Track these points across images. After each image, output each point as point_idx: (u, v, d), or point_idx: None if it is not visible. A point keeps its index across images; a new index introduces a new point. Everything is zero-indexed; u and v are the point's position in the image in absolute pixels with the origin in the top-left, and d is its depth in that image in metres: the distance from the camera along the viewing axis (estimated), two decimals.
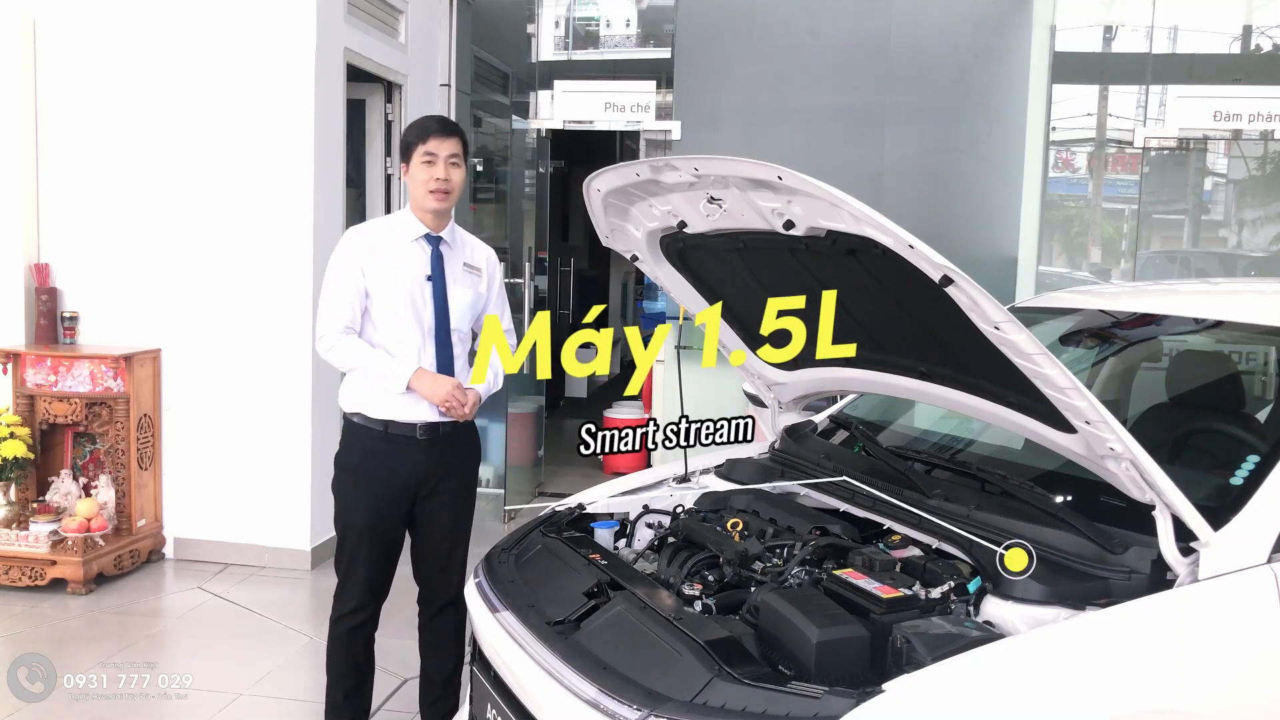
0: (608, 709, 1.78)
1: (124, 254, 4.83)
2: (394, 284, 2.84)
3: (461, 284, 2.93)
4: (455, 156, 2.85)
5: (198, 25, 4.73)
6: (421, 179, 2.82)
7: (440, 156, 2.82)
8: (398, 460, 2.85)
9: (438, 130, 2.84)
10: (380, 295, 2.84)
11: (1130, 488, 1.93)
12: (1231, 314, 2.82)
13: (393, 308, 2.84)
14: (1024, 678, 1.75)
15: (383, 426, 2.83)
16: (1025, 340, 1.78)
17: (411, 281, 2.85)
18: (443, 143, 2.82)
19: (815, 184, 1.88)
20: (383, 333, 2.85)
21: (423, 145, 2.82)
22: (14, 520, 4.51)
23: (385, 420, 2.83)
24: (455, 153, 2.85)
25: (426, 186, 2.82)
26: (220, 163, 4.74)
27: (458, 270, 2.93)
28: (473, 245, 3.02)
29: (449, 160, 2.83)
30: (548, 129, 6.21)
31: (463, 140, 2.89)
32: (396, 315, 2.84)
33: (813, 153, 5.51)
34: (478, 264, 2.99)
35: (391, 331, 2.84)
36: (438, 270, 2.88)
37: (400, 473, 2.86)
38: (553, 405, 7.94)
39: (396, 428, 2.82)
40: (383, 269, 2.84)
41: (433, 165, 2.82)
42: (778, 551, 2.27)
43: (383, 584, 2.95)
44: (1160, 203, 6.01)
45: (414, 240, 2.88)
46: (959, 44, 5.61)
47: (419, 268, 2.87)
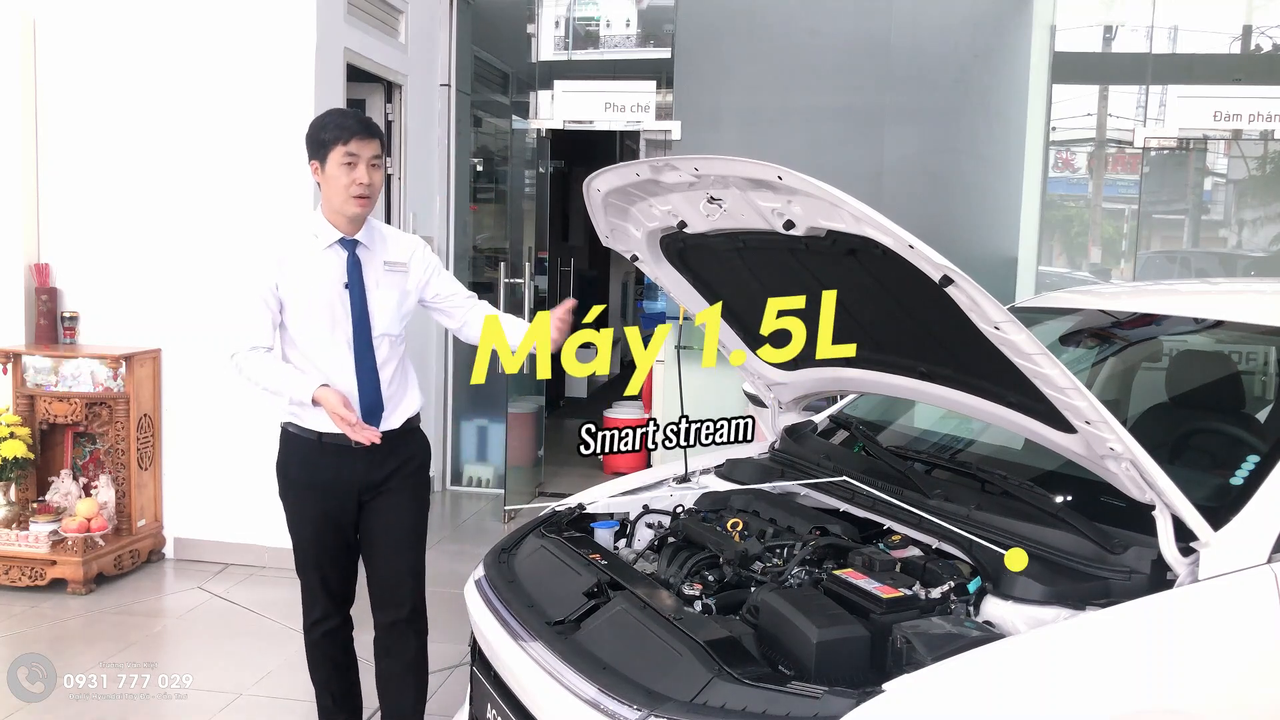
0: (608, 709, 1.78)
1: (124, 254, 4.82)
2: (310, 296, 2.68)
3: (384, 286, 2.74)
4: (376, 158, 2.67)
5: (198, 25, 4.73)
6: (342, 183, 2.63)
7: (363, 159, 2.63)
8: (337, 468, 2.72)
9: (360, 131, 2.64)
10: (296, 309, 2.68)
11: (1130, 488, 1.93)
12: (1231, 314, 2.81)
13: (310, 320, 2.69)
14: (1024, 678, 1.75)
15: (316, 436, 2.71)
16: (1025, 340, 1.78)
17: (328, 291, 2.68)
18: (365, 144, 2.64)
19: (815, 184, 1.88)
20: (301, 344, 2.71)
21: (343, 145, 2.62)
22: (14, 520, 4.51)
23: (318, 431, 2.69)
24: (377, 154, 2.67)
25: (349, 191, 2.63)
26: (220, 162, 4.74)
27: (378, 272, 2.74)
28: (394, 240, 2.83)
29: (370, 163, 2.65)
30: (548, 129, 6.21)
31: (382, 142, 2.72)
32: (314, 328, 2.69)
33: (813, 153, 5.51)
34: (401, 259, 2.80)
35: (308, 343, 2.70)
36: (355, 276, 2.69)
37: (342, 480, 2.73)
38: (553, 405, 7.94)
39: (330, 437, 2.68)
40: (296, 280, 2.68)
41: (354, 168, 2.62)
42: (778, 551, 2.27)
43: (345, 590, 2.86)
44: (1160, 203, 6.01)
45: (328, 247, 2.68)
46: (959, 44, 5.60)
47: (335, 276, 2.69)
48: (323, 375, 2.68)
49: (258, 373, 2.70)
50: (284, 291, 2.69)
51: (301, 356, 2.72)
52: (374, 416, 2.71)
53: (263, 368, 2.70)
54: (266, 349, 2.71)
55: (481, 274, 6.72)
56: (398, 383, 2.79)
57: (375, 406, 2.72)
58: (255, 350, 2.70)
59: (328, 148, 2.64)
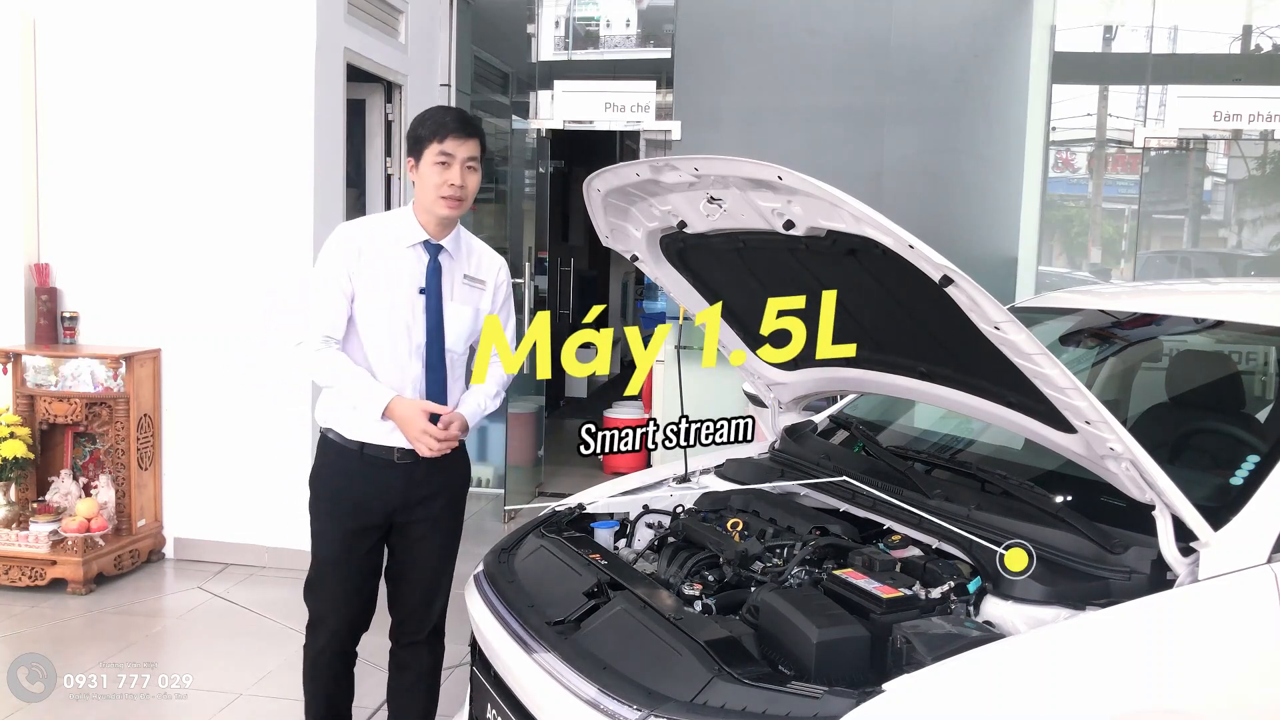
0: (608, 709, 1.78)
1: (124, 254, 4.82)
2: (382, 294, 2.55)
3: (460, 300, 2.62)
4: (473, 160, 2.54)
5: (198, 25, 4.73)
6: (434, 182, 2.51)
7: (457, 159, 2.50)
8: (373, 485, 2.59)
9: (457, 129, 2.50)
10: (366, 305, 2.55)
11: (1130, 488, 1.93)
12: (1231, 314, 2.82)
13: (379, 321, 2.55)
14: (1024, 678, 1.75)
15: (358, 447, 2.57)
16: (1025, 340, 1.78)
17: (402, 293, 2.56)
18: (462, 144, 2.50)
19: (815, 184, 1.88)
20: (367, 346, 2.57)
21: (438, 144, 2.49)
22: (14, 520, 4.51)
23: (360, 441, 2.57)
24: (474, 155, 2.54)
25: (439, 191, 2.51)
26: (220, 163, 4.74)
27: (456, 283, 2.62)
28: (479, 255, 2.69)
29: (466, 164, 2.52)
30: (548, 129, 6.21)
31: (482, 142, 2.58)
32: (382, 329, 2.55)
33: (813, 153, 5.51)
34: (482, 276, 2.67)
35: (375, 346, 2.56)
36: (433, 283, 2.57)
37: (376, 500, 2.60)
38: (553, 405, 7.94)
39: (372, 449, 2.56)
40: (371, 275, 2.55)
41: (448, 168, 2.50)
42: (778, 551, 2.27)
43: (360, 618, 2.71)
44: (1160, 203, 6.01)
45: (410, 246, 2.57)
46: (959, 44, 5.60)
47: (412, 278, 2.56)
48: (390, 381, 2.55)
49: (328, 371, 2.53)
50: (358, 283, 2.54)
51: (370, 357, 2.57)
52: None
53: (335, 367, 2.53)
54: (338, 342, 2.56)
55: None
56: (453, 401, 2.65)
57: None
58: (329, 342, 2.53)
59: (423, 144, 2.52)
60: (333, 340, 2.55)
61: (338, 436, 2.62)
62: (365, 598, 2.71)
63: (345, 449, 2.60)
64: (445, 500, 2.69)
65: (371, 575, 2.71)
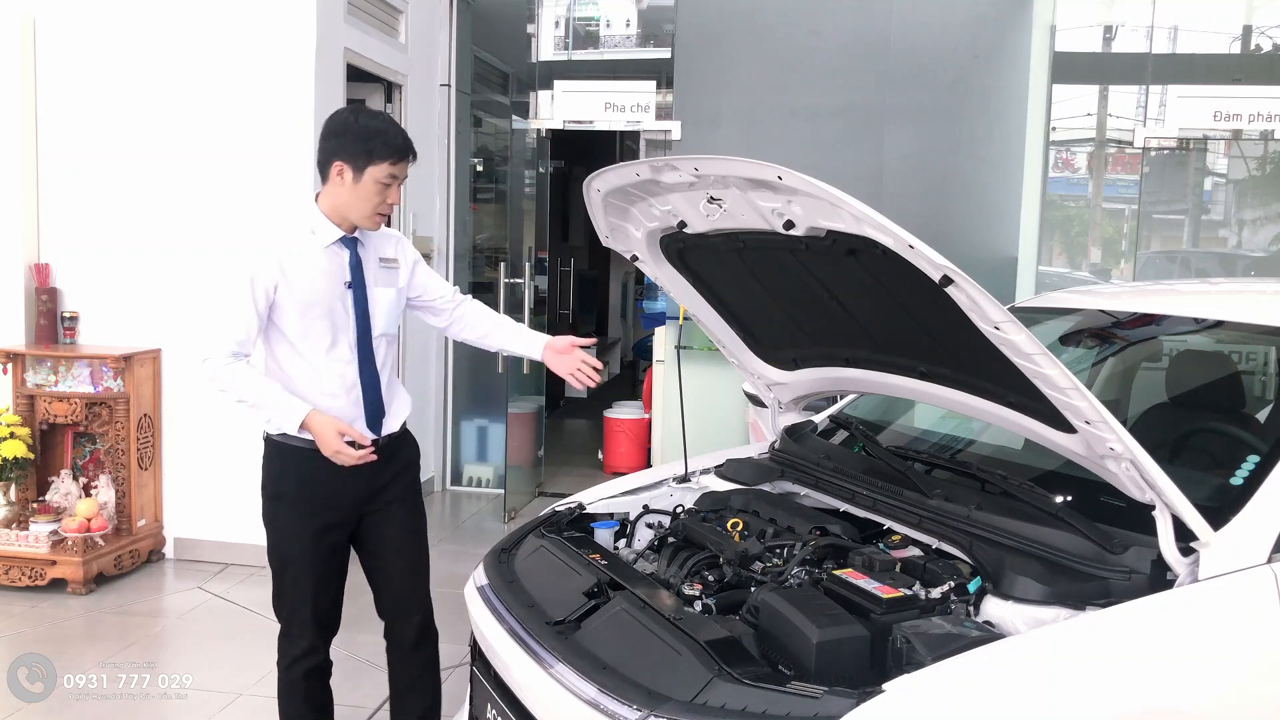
0: (608, 709, 1.78)
1: (124, 254, 4.82)
2: (310, 297, 2.54)
3: (382, 284, 2.66)
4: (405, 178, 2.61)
5: (198, 25, 4.73)
6: (373, 201, 2.52)
7: (399, 179, 2.55)
8: (340, 480, 2.57)
9: (409, 153, 2.55)
10: (295, 312, 2.54)
11: (1130, 488, 1.93)
12: (1231, 314, 2.81)
13: (311, 323, 2.55)
14: (1024, 678, 1.75)
15: (311, 446, 2.53)
16: (1025, 340, 1.78)
17: (330, 292, 2.56)
18: (406, 166, 2.56)
19: (815, 184, 1.88)
20: (305, 351, 2.57)
21: (390, 165, 2.51)
22: (14, 520, 4.51)
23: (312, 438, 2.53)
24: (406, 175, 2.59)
25: (376, 209, 2.54)
26: (220, 162, 4.73)
27: (375, 270, 2.65)
28: (383, 236, 2.71)
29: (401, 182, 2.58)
30: (548, 129, 6.21)
31: None
32: (316, 331, 2.56)
33: (813, 153, 5.51)
34: (392, 255, 2.71)
35: (312, 349, 2.57)
36: (357, 276, 2.59)
37: (344, 495, 2.61)
38: (553, 405, 7.94)
39: None
40: (297, 282, 2.53)
41: (390, 189, 2.54)
42: (778, 551, 2.27)
43: (333, 619, 2.72)
44: (1160, 203, 6.01)
45: (329, 246, 2.56)
46: (959, 44, 5.61)
47: (337, 274, 2.57)
48: (324, 381, 2.57)
49: (240, 385, 2.55)
50: (282, 293, 2.53)
51: (299, 362, 2.58)
52: (377, 423, 2.65)
53: (247, 381, 2.55)
54: (246, 357, 2.57)
55: (481, 274, 6.72)
56: (394, 384, 2.73)
57: (378, 412, 2.66)
58: (237, 358, 2.54)
59: (370, 159, 2.49)
60: (242, 356, 2.56)
61: (285, 438, 2.59)
62: (336, 595, 2.72)
63: (304, 451, 2.57)
64: (405, 479, 2.74)
65: (341, 571, 2.72)
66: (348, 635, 2.98)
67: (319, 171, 2.59)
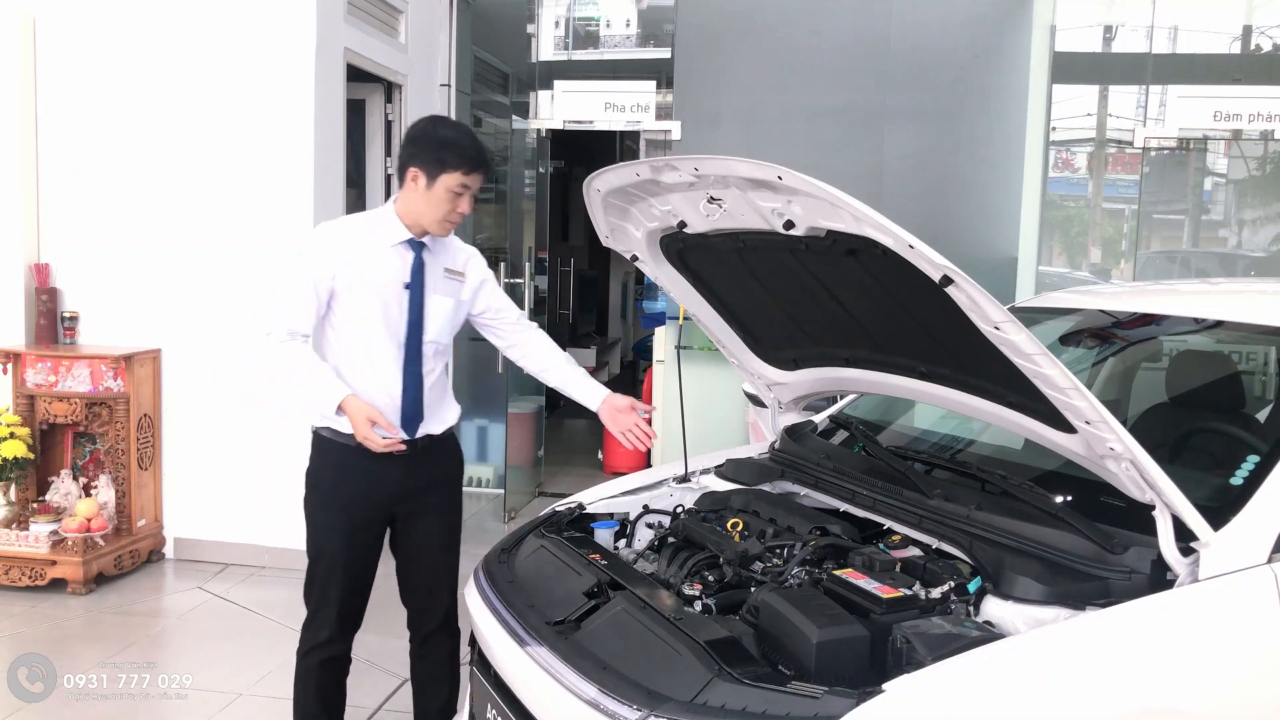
0: (608, 709, 1.78)
1: (124, 254, 4.82)
2: (368, 291, 2.61)
3: (442, 292, 2.71)
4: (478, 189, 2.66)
5: (198, 25, 4.73)
6: (444, 209, 2.59)
7: (472, 190, 2.61)
8: (373, 477, 2.65)
9: (481, 165, 2.60)
10: (350, 303, 2.61)
11: (1130, 488, 1.93)
12: (1231, 314, 2.81)
13: (363, 317, 2.62)
14: (1024, 678, 1.75)
15: (355, 443, 2.59)
16: (1025, 340, 1.78)
17: (387, 289, 2.63)
18: (479, 178, 2.60)
19: (815, 184, 1.88)
20: (350, 344, 2.63)
21: (461, 175, 2.56)
22: (14, 520, 4.51)
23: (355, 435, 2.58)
24: (480, 186, 2.65)
25: (447, 217, 2.61)
26: (220, 163, 4.73)
27: (438, 277, 2.70)
28: (454, 248, 2.79)
29: (474, 195, 2.64)
30: (548, 129, 6.22)
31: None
32: (367, 325, 2.62)
33: (813, 153, 5.51)
34: (459, 268, 2.77)
35: (360, 342, 2.63)
36: (418, 278, 2.65)
37: (376, 491, 2.68)
38: (553, 405, 7.93)
39: None
40: (357, 274, 2.60)
41: (461, 199, 2.59)
42: (778, 551, 2.27)
43: (356, 613, 2.76)
44: (1160, 203, 6.01)
45: (395, 245, 2.64)
46: (959, 44, 5.60)
47: (397, 274, 2.64)
48: (366, 375, 2.63)
49: (292, 363, 2.57)
50: (340, 282, 2.60)
51: (345, 354, 2.64)
52: (411, 424, 2.69)
53: (296, 359, 2.57)
54: (304, 337, 2.60)
55: None
56: (439, 391, 2.76)
57: (415, 414, 2.69)
58: (294, 337, 2.58)
59: (443, 168, 2.56)
60: (299, 335, 2.60)
61: (331, 433, 2.67)
62: (363, 591, 2.78)
63: (342, 446, 2.65)
64: (442, 488, 2.80)
65: (369, 568, 2.77)
66: None
67: (397, 176, 2.67)
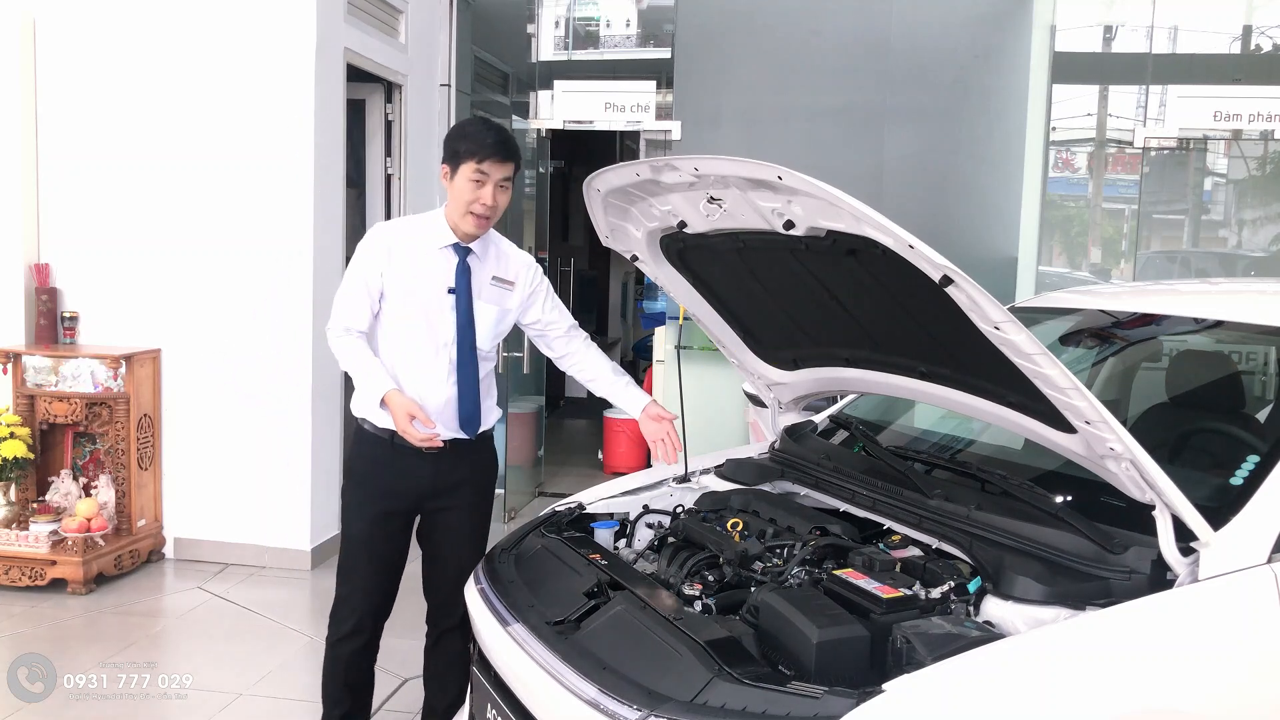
0: (608, 709, 1.78)
1: (124, 254, 4.82)
2: (412, 292, 2.66)
3: (487, 299, 2.74)
4: (507, 180, 2.64)
5: (198, 25, 4.73)
6: (465, 198, 2.61)
7: (492, 179, 2.60)
8: (402, 471, 2.71)
9: (495, 152, 2.58)
10: (395, 303, 2.67)
11: (1130, 488, 1.93)
12: (1231, 314, 2.81)
13: (406, 318, 2.68)
14: (1024, 678, 1.75)
15: (388, 435, 2.67)
16: (1025, 340, 1.78)
17: (432, 292, 2.67)
18: (498, 166, 2.59)
19: (815, 184, 1.88)
20: (394, 343, 2.70)
21: (475, 163, 2.58)
22: (14, 520, 4.51)
23: (390, 429, 2.64)
24: (508, 176, 2.64)
25: (469, 207, 2.62)
26: (220, 163, 4.74)
27: (484, 284, 2.73)
28: (509, 257, 2.81)
29: (499, 184, 2.62)
30: (548, 129, 6.21)
31: (518, 162, 2.67)
32: (409, 327, 2.68)
33: (813, 153, 5.51)
34: (510, 277, 2.78)
35: (403, 343, 2.69)
36: (462, 283, 2.68)
37: (404, 485, 2.73)
38: (553, 405, 7.94)
39: (402, 439, 2.62)
40: (401, 275, 2.66)
41: (481, 186, 2.59)
42: (778, 551, 2.27)
43: (383, 604, 2.80)
44: (1160, 203, 6.01)
45: (441, 248, 2.68)
46: (959, 44, 5.60)
47: (442, 278, 2.67)
48: (413, 374, 2.68)
49: (346, 355, 2.67)
50: (388, 281, 2.66)
51: (395, 352, 2.70)
52: (471, 426, 2.74)
53: (350, 351, 2.66)
54: (360, 333, 2.68)
55: None
56: (484, 394, 2.79)
57: (473, 417, 2.74)
58: (349, 332, 2.67)
59: (460, 159, 2.60)
60: (351, 331, 2.68)
61: (370, 426, 2.74)
62: (389, 581, 2.82)
63: (376, 437, 2.73)
64: (473, 488, 2.83)
65: (397, 559, 2.82)
66: None
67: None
